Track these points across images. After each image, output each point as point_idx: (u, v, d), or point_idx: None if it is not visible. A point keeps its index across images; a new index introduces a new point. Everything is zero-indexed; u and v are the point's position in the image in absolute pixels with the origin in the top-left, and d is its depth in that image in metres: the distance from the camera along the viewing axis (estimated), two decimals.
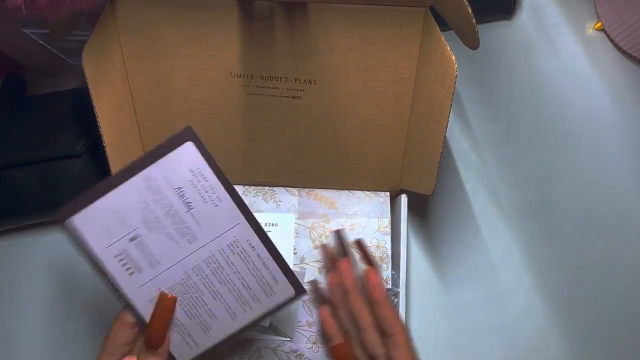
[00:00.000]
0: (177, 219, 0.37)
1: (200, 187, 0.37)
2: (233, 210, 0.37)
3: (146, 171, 0.36)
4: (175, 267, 0.38)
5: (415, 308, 0.55)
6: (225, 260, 0.38)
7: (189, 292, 0.38)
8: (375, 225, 0.50)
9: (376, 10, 0.41)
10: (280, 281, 0.39)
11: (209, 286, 0.38)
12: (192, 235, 0.37)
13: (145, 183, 0.36)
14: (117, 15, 0.42)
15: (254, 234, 0.38)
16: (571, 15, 0.52)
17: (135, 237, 0.37)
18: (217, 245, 0.38)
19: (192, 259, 0.38)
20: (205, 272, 0.38)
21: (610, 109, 0.49)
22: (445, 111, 0.41)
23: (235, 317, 0.39)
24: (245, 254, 0.38)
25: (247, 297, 0.39)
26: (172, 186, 0.36)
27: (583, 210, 0.51)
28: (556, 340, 0.54)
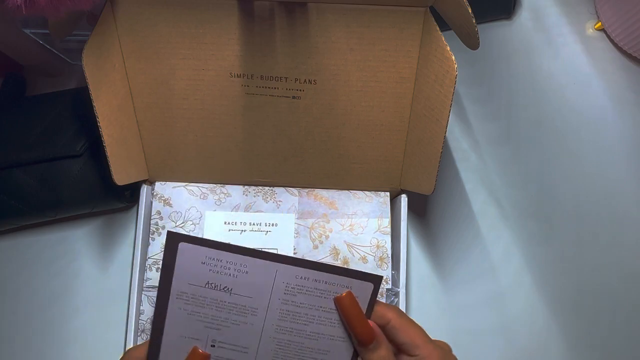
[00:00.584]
0: (229, 306, 0.37)
1: (222, 269, 0.37)
2: (262, 264, 0.37)
3: (174, 289, 0.37)
4: (262, 342, 0.38)
5: (415, 308, 0.55)
6: (295, 306, 0.38)
7: (291, 350, 0.39)
8: (375, 225, 0.50)
9: (376, 10, 0.41)
10: (354, 284, 0.38)
11: (301, 334, 0.38)
12: (251, 309, 0.38)
13: (181, 300, 0.37)
14: (117, 15, 0.42)
15: (295, 268, 0.37)
16: (571, 15, 0.52)
17: (213, 344, 0.38)
18: (278, 300, 0.38)
19: (268, 325, 0.38)
20: (288, 327, 0.38)
21: (610, 108, 0.49)
22: (445, 111, 0.41)
23: (342, 340, 0.39)
24: (304, 287, 0.38)
25: (336, 318, 0.38)
26: (201, 285, 0.37)
27: (583, 210, 0.51)
28: (556, 340, 0.54)
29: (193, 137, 0.48)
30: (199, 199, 0.50)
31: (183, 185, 0.51)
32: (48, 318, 0.53)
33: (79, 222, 0.56)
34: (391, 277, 0.49)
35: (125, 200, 0.53)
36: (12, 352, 0.52)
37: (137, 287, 0.48)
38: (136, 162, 0.49)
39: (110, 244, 0.55)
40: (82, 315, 0.53)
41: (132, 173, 0.48)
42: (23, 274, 0.54)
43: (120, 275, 0.54)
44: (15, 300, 0.53)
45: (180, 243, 0.36)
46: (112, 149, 0.44)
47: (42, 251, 0.55)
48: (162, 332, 0.38)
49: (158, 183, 0.51)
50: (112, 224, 0.56)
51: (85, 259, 0.55)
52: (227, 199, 0.51)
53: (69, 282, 0.54)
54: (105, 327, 0.53)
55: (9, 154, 0.49)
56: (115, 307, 0.53)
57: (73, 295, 0.54)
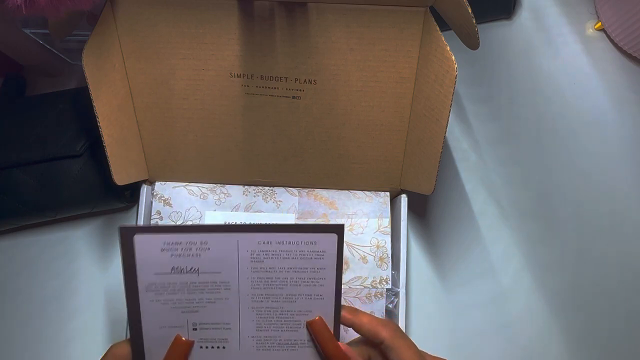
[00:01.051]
0: (200, 286, 0.37)
1: (183, 251, 0.36)
2: (222, 237, 0.37)
3: (141, 283, 0.36)
4: (242, 315, 0.38)
5: (415, 308, 0.55)
6: (265, 272, 0.38)
7: (272, 317, 0.38)
8: (375, 225, 0.50)
9: (376, 10, 0.41)
10: (317, 239, 0.37)
11: (278, 299, 0.38)
12: (223, 284, 0.37)
13: (151, 292, 0.37)
14: (117, 15, 0.42)
15: (255, 235, 0.37)
16: (571, 15, 0.52)
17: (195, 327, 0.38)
18: (247, 269, 0.37)
19: (243, 296, 0.38)
20: (263, 294, 0.38)
21: (610, 108, 0.49)
22: (445, 111, 0.41)
23: (319, 297, 0.38)
24: (269, 252, 0.37)
25: (309, 277, 0.38)
26: (167, 273, 0.37)
27: (583, 210, 0.51)
28: (556, 340, 0.54)
29: (193, 137, 0.48)
30: (199, 199, 0.50)
31: (183, 185, 0.51)
32: (48, 318, 0.53)
33: (79, 222, 0.56)
34: (391, 277, 0.49)
35: (125, 200, 0.53)
36: (12, 352, 0.52)
37: None
38: (136, 162, 0.49)
39: (110, 244, 0.55)
40: (82, 315, 0.53)
41: (132, 173, 0.48)
42: (23, 274, 0.54)
43: (120, 275, 0.54)
44: (15, 300, 0.53)
45: (135, 235, 0.36)
46: (112, 149, 0.44)
47: (42, 251, 0.55)
48: (140, 328, 0.37)
49: (158, 183, 0.51)
50: (112, 224, 0.56)
51: (85, 259, 0.55)
52: (227, 199, 0.51)
53: (69, 282, 0.54)
54: (105, 327, 0.53)
55: (9, 154, 0.49)
56: (115, 307, 0.53)
57: (73, 295, 0.54)
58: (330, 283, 0.38)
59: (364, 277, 0.49)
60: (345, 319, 0.39)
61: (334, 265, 0.38)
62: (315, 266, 0.38)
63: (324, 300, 0.38)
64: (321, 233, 0.37)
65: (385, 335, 0.37)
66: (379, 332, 0.37)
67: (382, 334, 0.37)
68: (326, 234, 0.37)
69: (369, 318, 0.38)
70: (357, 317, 0.38)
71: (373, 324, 0.38)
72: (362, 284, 0.49)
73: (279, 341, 0.39)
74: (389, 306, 0.49)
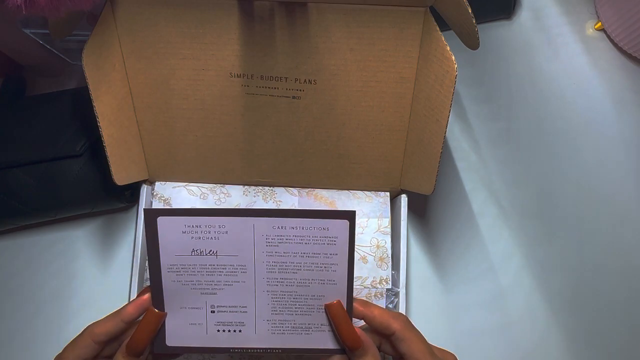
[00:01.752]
0: (219, 268, 0.38)
1: (203, 234, 0.37)
2: (241, 221, 0.37)
3: (163, 263, 0.38)
4: (258, 298, 0.39)
5: (415, 308, 0.55)
6: (279, 256, 0.38)
7: (286, 300, 0.39)
8: (375, 225, 0.50)
9: (376, 10, 0.41)
10: (329, 226, 0.38)
11: (292, 283, 0.39)
12: (240, 267, 0.38)
13: (172, 272, 0.38)
14: (117, 15, 0.42)
15: (270, 219, 0.38)
16: (571, 15, 0.52)
17: (213, 310, 0.39)
18: (262, 253, 0.38)
19: (259, 279, 0.39)
20: (278, 278, 0.39)
21: (610, 108, 0.49)
22: (445, 111, 0.41)
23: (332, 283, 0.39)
24: (283, 237, 0.38)
25: (322, 262, 0.39)
26: (188, 254, 0.38)
27: (583, 210, 0.51)
28: (556, 340, 0.54)
29: (193, 137, 0.48)
30: (199, 199, 0.50)
31: (183, 185, 0.51)
32: (48, 318, 0.53)
33: (79, 222, 0.56)
34: (391, 277, 0.49)
35: (125, 200, 0.53)
36: (12, 351, 0.52)
37: (137, 287, 0.48)
38: (136, 162, 0.49)
39: (110, 244, 0.55)
40: (82, 315, 0.53)
41: (132, 173, 0.48)
42: (23, 274, 0.54)
43: (120, 275, 0.54)
44: (15, 300, 0.53)
45: (159, 217, 0.37)
46: (112, 149, 0.44)
47: (42, 251, 0.55)
48: (163, 308, 0.38)
49: (158, 183, 0.51)
50: (112, 224, 0.56)
51: (85, 259, 0.55)
52: (227, 199, 0.51)
53: (69, 282, 0.54)
54: None
55: (9, 154, 0.49)
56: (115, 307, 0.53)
57: (73, 295, 0.54)
58: (343, 269, 0.39)
59: (364, 277, 0.49)
60: (357, 310, 0.39)
61: (346, 252, 0.38)
62: (328, 252, 0.38)
63: (336, 286, 0.39)
64: (333, 219, 0.38)
65: (397, 327, 0.38)
66: (390, 324, 0.38)
67: (394, 326, 0.38)
68: (338, 219, 0.38)
69: (380, 310, 0.39)
70: (368, 309, 0.39)
71: (385, 316, 0.38)
72: (362, 284, 0.49)
73: (293, 325, 0.40)
74: (389, 306, 0.49)
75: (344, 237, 0.38)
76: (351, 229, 0.38)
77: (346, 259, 0.39)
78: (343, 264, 0.39)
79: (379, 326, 0.38)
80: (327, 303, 0.39)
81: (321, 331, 0.40)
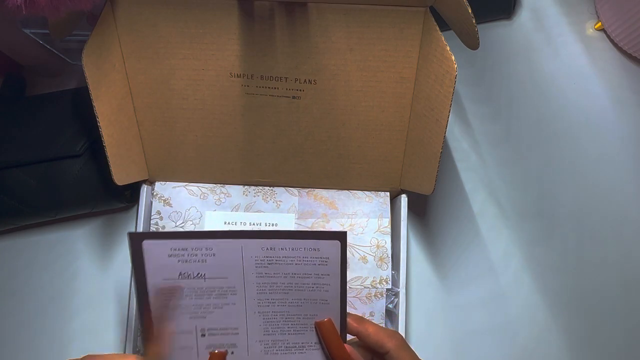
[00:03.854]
0: (207, 291, 0.37)
1: (190, 257, 0.37)
2: (228, 243, 0.37)
3: (150, 289, 0.37)
4: (249, 320, 0.38)
5: (415, 308, 0.55)
6: (269, 277, 0.38)
7: (278, 321, 0.39)
8: (375, 225, 0.50)
9: (376, 10, 0.41)
10: (320, 247, 0.37)
11: (284, 303, 0.38)
12: (229, 289, 0.38)
13: (159, 297, 0.37)
14: (117, 15, 0.42)
15: (258, 241, 0.37)
16: (571, 15, 0.52)
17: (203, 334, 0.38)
18: (251, 274, 0.38)
19: (250, 301, 0.38)
20: (269, 299, 0.38)
21: (610, 109, 0.49)
22: (445, 111, 0.41)
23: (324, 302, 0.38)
24: (272, 258, 0.38)
25: (313, 282, 0.38)
26: (175, 278, 0.37)
27: (583, 210, 0.51)
28: (556, 340, 0.54)
29: (193, 137, 0.48)
30: (199, 199, 0.50)
31: (183, 185, 0.51)
32: (48, 318, 0.53)
33: (79, 222, 0.56)
34: (391, 277, 0.49)
35: (125, 200, 0.53)
36: (13, 352, 0.52)
37: None
38: (136, 162, 0.49)
39: (110, 244, 0.55)
40: (82, 315, 0.53)
41: (132, 173, 0.48)
42: (23, 274, 0.54)
43: (120, 275, 0.54)
44: (15, 300, 0.53)
45: (144, 241, 0.36)
46: (112, 149, 0.44)
47: (42, 251, 0.55)
48: None
49: (158, 183, 0.51)
50: (112, 224, 0.56)
51: (85, 259, 0.55)
52: (227, 199, 0.51)
53: (69, 282, 0.54)
54: (105, 327, 0.53)
55: (9, 154, 0.49)
56: (115, 307, 0.53)
57: (73, 295, 0.54)
58: (335, 289, 0.38)
59: (364, 277, 0.49)
60: (351, 326, 0.39)
61: (338, 272, 0.38)
62: (319, 272, 0.38)
63: (329, 305, 0.39)
64: (323, 240, 0.37)
65: (391, 346, 0.37)
66: (384, 343, 0.37)
67: (388, 345, 0.37)
68: (328, 240, 0.37)
69: (375, 328, 0.38)
70: (362, 326, 0.38)
71: (380, 334, 0.38)
72: (362, 284, 0.49)
73: (287, 344, 0.39)
74: (389, 306, 0.49)
75: (335, 258, 0.38)
76: (343, 249, 0.38)
77: (338, 279, 0.38)
78: (335, 284, 0.38)
79: (373, 344, 0.38)
80: (317, 321, 0.39)
81: (315, 349, 0.39)
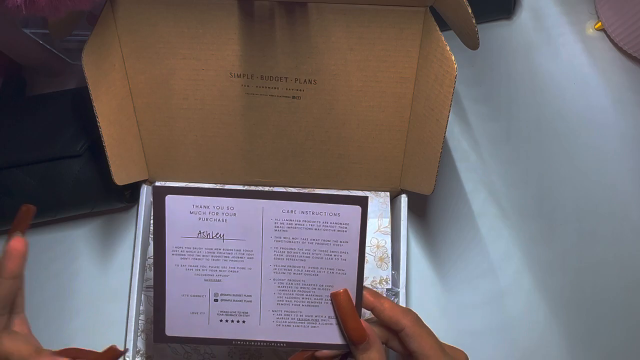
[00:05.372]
0: (225, 253, 0.37)
1: (211, 215, 0.36)
2: (250, 203, 0.36)
3: (168, 245, 0.36)
4: (264, 287, 0.38)
5: (415, 308, 0.55)
6: (288, 242, 0.37)
7: (293, 290, 0.38)
8: (375, 225, 0.50)
9: (376, 10, 0.41)
10: (341, 211, 0.36)
11: (300, 271, 0.37)
12: (247, 252, 0.37)
13: (177, 255, 0.36)
14: (117, 15, 0.42)
15: (280, 202, 0.36)
16: (571, 15, 0.52)
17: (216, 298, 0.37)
18: (270, 238, 0.37)
19: (266, 267, 0.37)
20: (285, 266, 0.37)
21: (610, 109, 0.49)
22: (445, 111, 0.41)
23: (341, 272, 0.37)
24: (292, 221, 0.37)
25: (331, 250, 0.37)
26: (194, 236, 0.36)
27: (583, 210, 0.51)
28: (556, 340, 0.54)
29: (193, 137, 0.48)
30: None
31: (183, 185, 0.51)
32: (48, 318, 0.53)
33: (79, 222, 0.56)
34: (391, 277, 0.49)
35: (125, 200, 0.53)
36: None
37: (137, 287, 0.48)
38: (136, 162, 0.49)
39: (110, 244, 0.55)
40: (82, 315, 0.53)
41: (132, 173, 0.48)
42: None
43: (120, 275, 0.54)
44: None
45: (167, 196, 0.35)
46: (112, 149, 0.44)
47: (42, 251, 0.55)
48: (164, 293, 0.37)
49: (158, 183, 0.51)
50: (112, 224, 0.56)
51: (85, 259, 0.55)
52: None
53: (69, 282, 0.54)
54: (105, 327, 0.53)
55: (9, 154, 0.49)
56: (115, 307, 0.53)
57: (73, 295, 0.54)
58: (353, 258, 0.37)
59: (364, 277, 0.49)
60: (368, 300, 0.38)
61: (357, 240, 0.37)
62: (338, 239, 0.37)
63: (346, 276, 0.38)
64: (345, 204, 0.36)
65: (406, 323, 0.37)
66: (399, 319, 0.37)
67: (403, 322, 0.37)
68: (350, 205, 0.36)
69: (391, 304, 0.38)
70: (378, 301, 0.38)
71: (395, 310, 0.37)
72: None
73: (300, 316, 0.38)
74: None
75: (356, 224, 0.37)
76: (363, 215, 0.37)
77: (357, 247, 0.37)
78: (354, 253, 0.37)
79: (388, 320, 0.37)
80: (333, 292, 0.37)
81: (329, 324, 0.38)
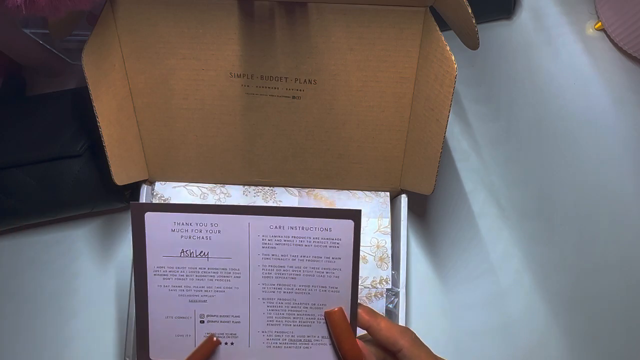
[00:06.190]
0: (210, 273, 0.35)
1: (194, 232, 0.35)
2: (235, 219, 0.34)
3: (149, 265, 0.34)
4: (252, 307, 0.36)
5: (415, 308, 0.55)
6: (276, 259, 0.35)
7: (284, 310, 0.36)
8: (375, 225, 0.50)
9: (376, 10, 0.41)
10: (332, 226, 0.35)
11: (291, 289, 0.36)
12: (233, 271, 0.35)
13: (159, 276, 0.35)
14: (117, 15, 0.42)
15: (267, 218, 0.34)
16: (571, 15, 0.52)
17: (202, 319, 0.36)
18: (257, 255, 0.35)
19: (254, 286, 0.36)
20: (275, 284, 0.35)
21: (610, 109, 0.49)
22: (445, 111, 0.41)
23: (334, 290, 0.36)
24: (281, 237, 0.35)
25: (323, 267, 0.35)
26: (176, 255, 0.35)
27: (583, 210, 0.51)
28: (556, 340, 0.54)
29: (193, 137, 0.48)
30: (199, 199, 0.50)
31: (183, 185, 0.51)
32: (48, 318, 0.53)
33: (79, 222, 0.56)
34: (391, 277, 0.49)
35: (125, 200, 0.53)
36: (13, 352, 0.52)
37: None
38: (136, 162, 0.49)
39: (110, 244, 0.55)
40: (82, 315, 0.53)
41: (132, 173, 0.48)
42: (23, 274, 0.54)
43: (120, 275, 0.54)
44: (15, 300, 0.53)
45: (147, 213, 0.34)
46: (112, 149, 0.44)
47: (42, 251, 0.55)
48: (147, 316, 0.35)
49: (158, 183, 0.51)
50: (112, 224, 0.56)
51: (85, 259, 0.55)
52: (227, 199, 0.51)
53: (69, 282, 0.54)
54: (105, 327, 0.53)
55: (9, 154, 0.49)
56: (115, 307, 0.53)
57: (73, 295, 0.54)
58: (346, 275, 0.35)
59: (364, 277, 0.49)
60: (363, 319, 0.36)
61: (350, 255, 0.35)
62: (330, 255, 0.35)
63: (339, 294, 0.36)
64: (336, 219, 0.34)
65: (404, 344, 0.35)
66: (397, 339, 0.35)
67: (401, 342, 0.35)
68: (341, 219, 0.35)
69: (387, 323, 0.36)
70: (374, 320, 0.36)
71: (392, 330, 0.36)
72: (362, 284, 0.49)
73: (292, 337, 0.36)
74: (389, 306, 0.49)
75: (349, 239, 0.35)
76: (356, 230, 0.35)
77: (350, 264, 0.35)
78: (347, 269, 0.35)
79: (384, 340, 0.36)
80: (327, 310, 0.36)
81: (322, 345, 0.36)
